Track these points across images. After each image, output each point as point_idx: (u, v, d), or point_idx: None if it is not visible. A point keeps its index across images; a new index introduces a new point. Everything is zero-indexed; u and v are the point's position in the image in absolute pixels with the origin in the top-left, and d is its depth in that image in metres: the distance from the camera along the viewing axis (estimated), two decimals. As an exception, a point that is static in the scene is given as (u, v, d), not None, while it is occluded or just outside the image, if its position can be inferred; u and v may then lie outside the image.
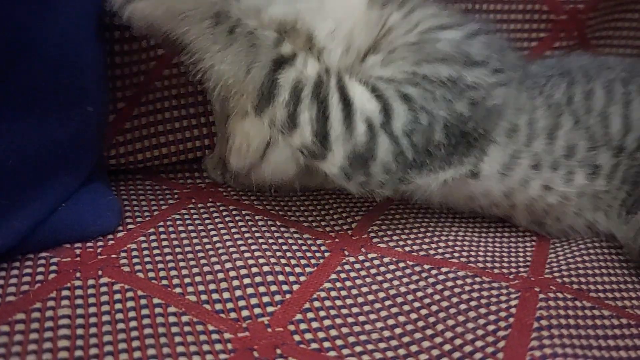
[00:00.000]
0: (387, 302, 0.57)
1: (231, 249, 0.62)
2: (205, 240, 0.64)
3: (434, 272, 0.62)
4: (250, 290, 0.56)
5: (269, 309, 0.54)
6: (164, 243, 0.62)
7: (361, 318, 0.54)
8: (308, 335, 0.52)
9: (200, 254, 0.61)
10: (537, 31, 0.89)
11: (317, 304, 0.56)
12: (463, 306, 0.56)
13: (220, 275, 0.58)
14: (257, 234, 0.65)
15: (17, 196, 0.56)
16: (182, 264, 0.59)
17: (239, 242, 0.64)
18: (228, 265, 0.59)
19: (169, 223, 0.66)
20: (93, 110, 0.61)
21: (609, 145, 0.67)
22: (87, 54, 0.59)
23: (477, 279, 0.61)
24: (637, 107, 0.67)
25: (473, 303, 0.57)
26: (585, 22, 0.89)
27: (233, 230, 0.66)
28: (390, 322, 0.54)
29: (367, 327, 0.53)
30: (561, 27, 0.90)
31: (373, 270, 0.62)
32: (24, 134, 0.55)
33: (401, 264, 0.63)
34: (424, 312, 0.56)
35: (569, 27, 0.89)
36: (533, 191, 0.67)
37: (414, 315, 0.55)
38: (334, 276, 0.60)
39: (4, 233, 0.55)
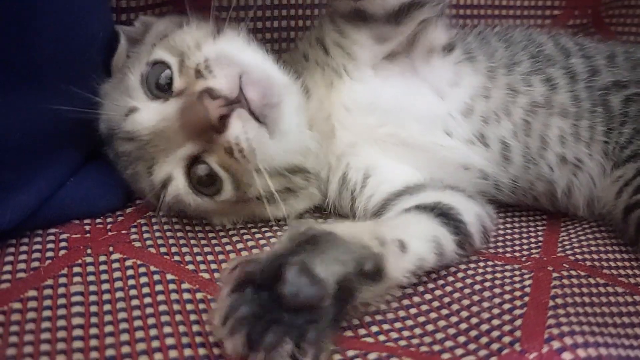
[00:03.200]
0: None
1: (242, 230, 0.62)
2: (215, 218, 0.63)
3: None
4: (263, 268, 0.55)
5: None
6: (174, 219, 0.61)
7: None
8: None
9: (211, 234, 0.60)
10: (551, 8, 0.88)
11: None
12: (477, 287, 0.56)
13: (232, 255, 0.57)
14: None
15: (24, 170, 0.55)
16: (193, 241, 0.58)
17: (249, 223, 0.63)
18: (239, 244, 0.59)
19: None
20: (98, 85, 0.60)
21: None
22: (94, 25, 0.57)
23: (490, 263, 0.61)
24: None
25: (487, 284, 0.57)
26: (599, 0, 0.88)
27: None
28: (405, 302, 0.54)
29: (382, 306, 0.53)
30: (575, 4, 0.89)
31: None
32: (30, 108, 0.54)
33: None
34: (438, 293, 0.55)
35: (582, 5, 0.87)
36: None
37: (428, 296, 0.55)
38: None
39: (12, 207, 0.54)
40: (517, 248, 0.65)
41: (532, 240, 0.67)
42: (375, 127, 0.63)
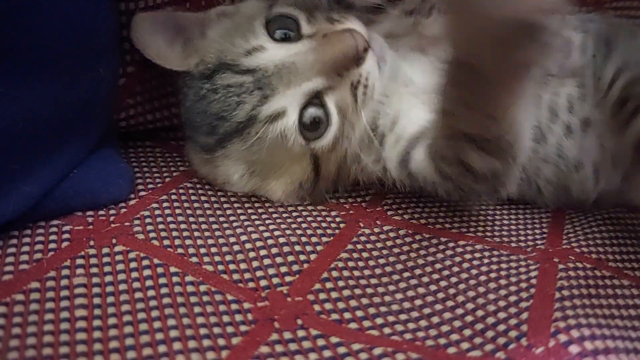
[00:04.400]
0: (406, 274, 0.56)
1: (245, 222, 0.61)
2: (218, 211, 0.63)
3: (451, 244, 0.61)
4: (267, 261, 0.55)
5: (287, 278, 0.53)
6: (177, 211, 0.61)
7: (380, 289, 0.54)
8: (328, 305, 0.51)
9: (215, 225, 0.60)
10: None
11: (335, 273, 0.55)
12: (483, 277, 0.56)
13: (236, 247, 0.57)
14: (270, 207, 0.64)
15: (27, 161, 0.55)
16: (196, 233, 0.58)
17: (252, 215, 0.63)
18: (243, 237, 0.58)
19: (181, 191, 0.65)
20: (104, 73, 0.59)
21: None
22: (99, 15, 0.57)
23: (495, 252, 0.61)
24: None
25: (493, 275, 0.56)
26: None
27: (246, 203, 0.64)
28: (410, 293, 0.54)
29: (387, 298, 0.53)
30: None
31: (389, 242, 0.61)
32: (34, 97, 0.53)
33: (417, 236, 0.62)
34: (443, 283, 0.55)
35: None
36: None
37: (433, 287, 0.54)
38: (350, 247, 0.59)
39: (15, 198, 0.53)
40: (522, 238, 0.65)
41: (537, 231, 0.67)
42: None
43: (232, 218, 0.62)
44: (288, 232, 0.60)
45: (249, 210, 0.63)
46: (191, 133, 0.65)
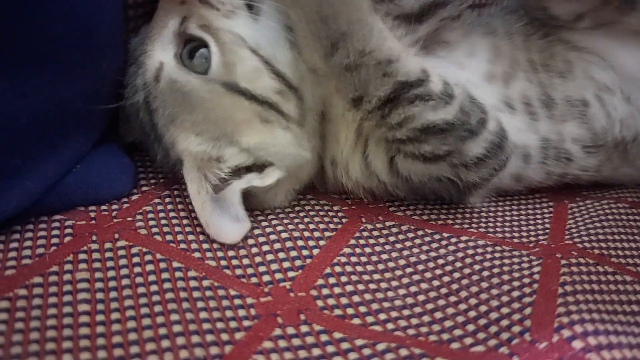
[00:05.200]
0: (408, 269, 0.56)
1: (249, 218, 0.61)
2: (221, 205, 0.62)
3: (453, 240, 0.61)
4: (270, 256, 0.55)
5: (290, 273, 0.53)
6: (180, 206, 0.61)
7: (383, 285, 0.54)
8: (331, 301, 0.51)
9: (217, 220, 0.60)
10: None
11: (337, 268, 0.55)
12: (486, 273, 0.56)
13: (239, 243, 0.57)
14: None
15: (31, 156, 0.54)
16: (199, 228, 0.58)
17: (255, 211, 0.62)
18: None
19: (184, 187, 0.64)
20: (108, 68, 0.59)
21: None
22: (103, 9, 0.56)
23: (497, 248, 0.61)
24: None
25: (496, 270, 0.56)
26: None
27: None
28: (413, 289, 0.53)
29: (390, 294, 0.53)
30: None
31: (392, 238, 0.61)
32: (37, 92, 0.53)
33: (420, 232, 0.62)
34: (446, 279, 0.55)
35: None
36: None
37: (436, 282, 0.54)
38: (353, 242, 0.59)
39: (18, 193, 0.53)
40: (524, 234, 0.65)
41: (539, 226, 0.67)
42: None
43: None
44: (291, 227, 0.60)
45: (252, 206, 0.63)
46: None
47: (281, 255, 0.55)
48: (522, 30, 0.69)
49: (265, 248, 0.56)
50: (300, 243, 0.57)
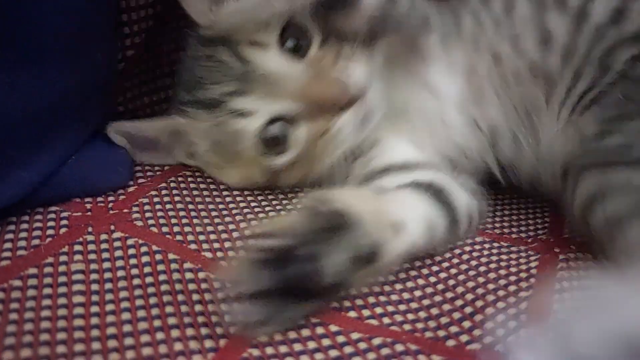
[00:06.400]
0: (405, 265, 0.56)
1: (244, 209, 0.61)
2: (217, 198, 0.62)
3: (450, 237, 0.61)
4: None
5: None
6: (177, 198, 0.61)
7: (379, 279, 0.53)
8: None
9: (214, 212, 0.60)
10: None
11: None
12: (482, 268, 0.56)
13: (235, 234, 0.56)
14: (269, 195, 0.64)
15: (25, 146, 0.54)
16: (195, 220, 0.58)
17: (252, 202, 0.62)
18: (242, 224, 0.58)
19: (180, 178, 0.64)
20: (102, 58, 0.59)
21: None
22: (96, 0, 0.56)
23: (495, 244, 0.61)
24: None
25: (492, 265, 0.56)
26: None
27: (246, 191, 0.64)
28: (409, 284, 0.53)
29: (386, 288, 0.52)
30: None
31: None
32: (31, 83, 0.53)
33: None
34: (442, 275, 0.55)
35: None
36: None
37: (432, 279, 0.54)
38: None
39: (13, 184, 0.53)
40: (523, 229, 0.65)
41: (539, 220, 0.67)
42: None
43: (231, 205, 0.61)
44: (287, 219, 0.59)
45: (248, 198, 0.63)
46: (176, 86, 0.65)
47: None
48: None
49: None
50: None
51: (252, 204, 0.62)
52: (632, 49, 0.57)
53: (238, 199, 0.63)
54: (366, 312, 0.49)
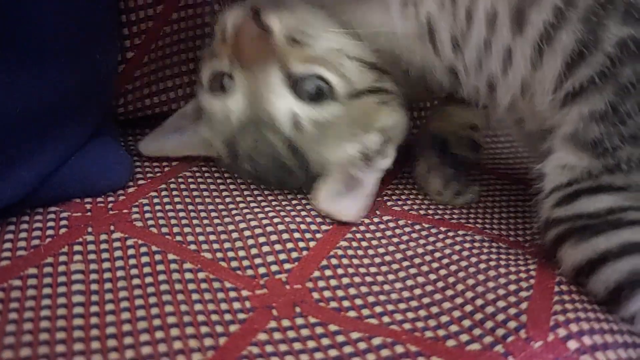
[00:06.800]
0: (405, 263, 0.56)
1: (244, 210, 0.61)
2: (217, 199, 0.62)
3: (450, 234, 0.61)
4: (266, 248, 0.55)
5: (286, 265, 0.53)
6: (176, 200, 0.61)
7: (379, 278, 0.53)
8: (327, 293, 0.51)
9: (213, 213, 0.60)
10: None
11: (334, 261, 0.55)
12: (483, 266, 0.56)
13: (235, 235, 0.57)
14: (269, 195, 0.64)
15: (25, 146, 0.54)
16: (195, 221, 0.58)
17: (252, 203, 0.62)
18: (242, 225, 0.58)
19: (180, 180, 0.64)
20: (102, 59, 0.59)
21: None
22: (97, 1, 0.56)
23: (494, 244, 0.61)
24: None
25: (493, 264, 0.56)
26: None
27: (246, 191, 0.64)
28: (409, 282, 0.53)
29: (386, 287, 0.52)
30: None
31: (388, 232, 0.61)
32: (32, 83, 0.53)
33: (417, 226, 0.62)
34: (443, 272, 0.55)
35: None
36: None
37: (433, 276, 0.54)
38: (349, 235, 0.59)
39: (13, 184, 0.53)
40: (519, 232, 0.65)
41: (535, 225, 0.66)
42: None
43: (231, 206, 0.61)
44: (287, 219, 0.59)
45: (249, 199, 0.63)
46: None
47: (277, 247, 0.55)
48: None
49: (262, 240, 0.56)
50: (297, 236, 0.57)
51: (252, 205, 0.62)
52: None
53: (238, 199, 0.63)
54: (366, 312, 0.49)
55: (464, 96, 0.60)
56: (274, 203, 0.63)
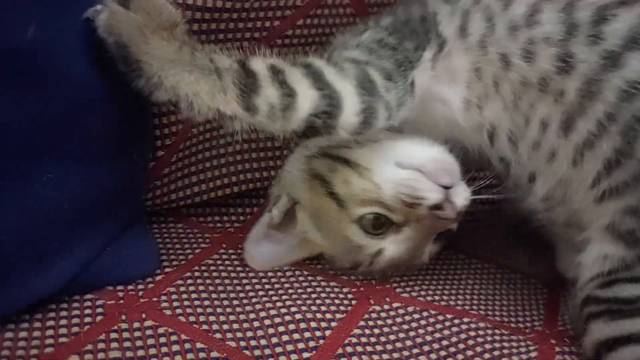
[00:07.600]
0: (415, 350, 0.60)
1: (263, 298, 0.65)
2: (238, 287, 0.66)
3: (456, 321, 0.65)
4: (285, 337, 0.59)
5: (305, 354, 0.57)
6: (201, 288, 0.65)
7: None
8: (344, 382, 0.54)
9: (235, 302, 0.64)
10: None
11: (349, 349, 0.58)
12: (487, 355, 0.59)
13: (256, 323, 0.61)
14: (285, 283, 0.68)
15: (68, 239, 0.59)
16: (219, 310, 0.62)
17: (270, 291, 0.66)
18: (262, 313, 0.62)
19: (203, 268, 0.69)
20: (139, 159, 0.65)
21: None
22: (137, 108, 0.63)
23: (497, 331, 0.65)
24: None
25: (496, 353, 0.60)
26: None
27: (263, 279, 0.69)
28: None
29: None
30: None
31: (399, 319, 0.65)
32: (80, 179, 0.58)
33: (425, 313, 0.66)
34: (449, 360, 0.59)
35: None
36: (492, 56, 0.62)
37: (438, 365, 0.58)
38: (362, 323, 0.63)
39: (55, 274, 0.57)
40: (520, 319, 0.69)
41: (534, 311, 0.71)
42: None
43: (250, 294, 0.66)
44: (304, 308, 0.64)
45: (266, 286, 0.67)
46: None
47: (296, 336, 0.59)
48: None
49: (281, 329, 0.60)
50: (313, 324, 0.61)
51: (270, 292, 0.66)
52: None
53: (257, 287, 0.67)
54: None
55: (509, 184, 0.69)
56: (290, 290, 0.67)
